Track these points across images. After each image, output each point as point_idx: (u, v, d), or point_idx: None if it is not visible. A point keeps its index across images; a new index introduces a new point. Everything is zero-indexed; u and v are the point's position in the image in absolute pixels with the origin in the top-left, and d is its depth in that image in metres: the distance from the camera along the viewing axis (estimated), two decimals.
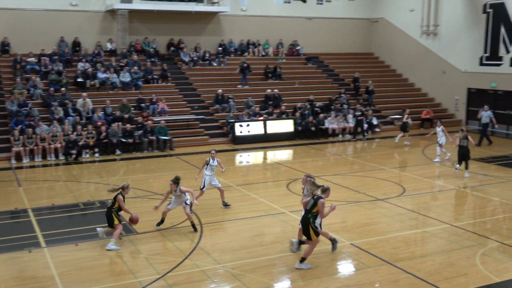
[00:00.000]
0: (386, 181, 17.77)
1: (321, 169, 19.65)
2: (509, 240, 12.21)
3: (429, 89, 33.00)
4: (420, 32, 32.78)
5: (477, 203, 15.66)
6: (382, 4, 35.68)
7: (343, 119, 27.36)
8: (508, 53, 27.83)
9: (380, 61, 36.24)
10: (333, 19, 35.05)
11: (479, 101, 29.76)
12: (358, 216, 14.08)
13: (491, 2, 28.49)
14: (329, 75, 33.15)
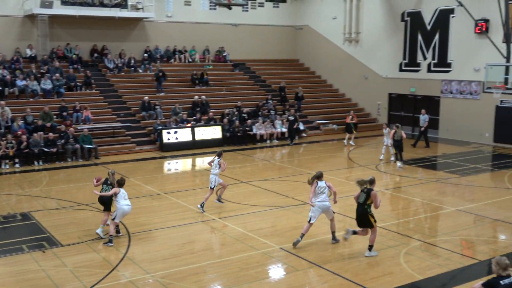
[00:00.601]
0: None
1: (250, 175, 19.76)
2: (431, 239, 12.75)
3: (352, 94, 33.98)
4: (342, 39, 33.72)
5: (400, 204, 16.24)
6: (306, 12, 36.43)
7: (270, 125, 27.66)
8: (425, 59, 29.12)
9: (306, 68, 36.96)
10: (259, 26, 35.43)
11: (400, 106, 30.97)
12: (287, 220, 14.26)
13: (408, 11, 29.74)
14: (256, 81, 33.46)
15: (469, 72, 26.89)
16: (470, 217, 14.56)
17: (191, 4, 32.98)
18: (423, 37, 29.18)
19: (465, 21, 26.30)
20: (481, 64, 25.36)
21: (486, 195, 16.91)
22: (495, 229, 13.72)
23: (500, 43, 24.07)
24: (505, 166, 21.17)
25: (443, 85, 28.25)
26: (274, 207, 15.40)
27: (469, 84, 27.03)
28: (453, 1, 25.75)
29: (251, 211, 15.05)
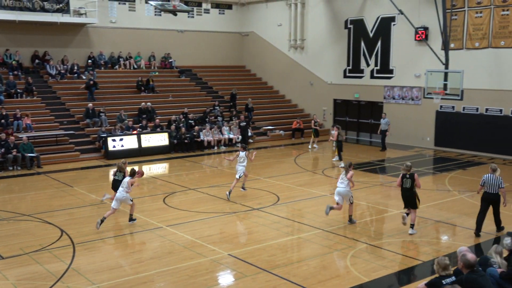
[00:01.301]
0: (262, 191, 18.18)
1: (198, 182, 19.66)
2: (376, 241, 13.02)
3: (298, 100, 34.38)
4: (288, 46, 34.12)
5: (346, 207, 16.49)
6: (251, 19, 36.65)
7: (218, 131, 27.63)
8: (368, 66, 29.82)
9: (252, 74, 37.15)
10: (205, 32, 35.39)
11: (345, 111, 31.56)
12: (235, 226, 14.26)
13: (351, 18, 30.39)
14: (203, 87, 33.37)
15: (410, 78, 27.71)
16: None
17: (136, 10, 32.60)
18: (366, 44, 29.87)
19: (406, 28, 27.10)
20: (421, 70, 26.17)
21: (428, 197, 17.41)
22: (438, 230, 14.14)
23: (439, 50, 24.91)
24: (445, 169, 21.88)
25: (386, 91, 28.99)
26: (222, 213, 15.38)
27: (410, 90, 27.85)
28: (394, 9, 26.48)
29: (199, 218, 14.96)
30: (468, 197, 17.30)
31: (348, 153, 25.49)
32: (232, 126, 28.26)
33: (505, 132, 24.06)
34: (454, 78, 22.80)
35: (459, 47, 25.49)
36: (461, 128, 25.57)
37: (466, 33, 25.29)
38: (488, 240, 12.76)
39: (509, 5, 23.68)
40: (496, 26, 24.17)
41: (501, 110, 24.32)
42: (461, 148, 25.50)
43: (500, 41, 24.11)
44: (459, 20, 25.43)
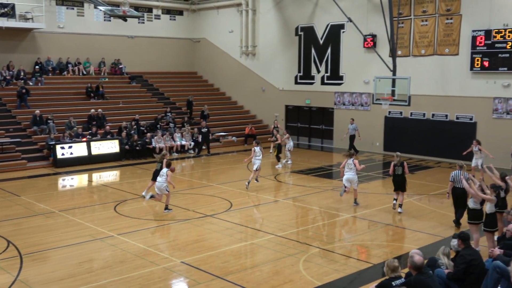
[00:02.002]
0: (214, 197, 18.13)
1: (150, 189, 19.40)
2: (328, 245, 13.18)
3: (250, 106, 34.52)
4: (240, 52, 34.23)
5: (299, 212, 16.67)
6: (203, 25, 36.60)
7: (170, 138, 27.41)
8: (319, 72, 30.24)
9: (204, 80, 37.08)
10: (156, 38, 35.11)
11: (296, 117, 31.88)
12: (188, 233, 14.16)
13: (302, 26, 30.78)
14: (154, 94, 33.07)
15: (359, 85, 28.26)
16: (364, 222, 15.24)
17: (85, 15, 32.04)
18: (316, 51, 30.30)
19: (355, 36, 27.64)
20: (370, 77, 26.73)
21: (378, 201, 17.77)
22: (387, 233, 14.44)
23: (387, 57, 25.50)
24: None
25: (336, 97, 29.46)
26: (174, 221, 15.25)
27: (360, 96, 28.39)
28: (343, 17, 26.95)
29: (152, 226, 14.79)
30: (416, 200, 17.75)
31: (300, 158, 25.78)
32: (184, 133, 28.09)
33: (450, 137, 24.83)
34: (401, 84, 23.36)
35: (406, 54, 26.19)
36: (409, 133, 26.23)
37: (412, 40, 26.01)
38: (438, 242, 13.11)
39: (453, 14, 24.50)
40: (441, 34, 24.96)
41: (447, 115, 25.10)
42: (409, 153, 26.13)
43: (444, 49, 24.90)
44: (405, 28, 26.13)
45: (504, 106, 23.23)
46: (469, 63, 23.93)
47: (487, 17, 23.28)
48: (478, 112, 24.04)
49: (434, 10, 25.13)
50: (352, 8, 27.42)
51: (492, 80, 23.42)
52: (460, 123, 24.67)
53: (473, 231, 12.22)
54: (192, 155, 27.33)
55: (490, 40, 23.14)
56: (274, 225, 14.96)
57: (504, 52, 22.79)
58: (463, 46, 24.23)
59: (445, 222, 15.11)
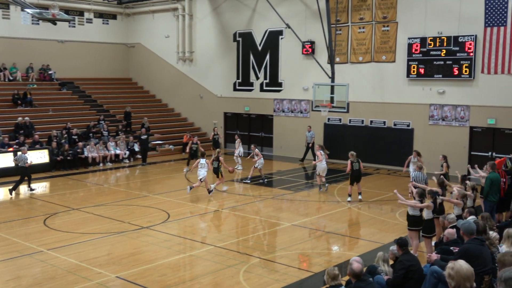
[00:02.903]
0: (151, 208, 17.88)
1: (82, 201, 18.94)
2: (269, 255, 13.24)
3: (188, 114, 34.32)
4: (176, 58, 34.02)
5: (239, 222, 16.67)
6: (138, 29, 36.15)
7: (103, 147, 26.84)
8: (258, 79, 30.45)
9: (139, 87, 36.59)
10: (88, 43, 34.39)
11: (235, 125, 31.94)
12: (124, 246, 13.88)
13: (240, 31, 30.93)
14: (86, 101, 32.33)
15: (298, 91, 28.65)
16: (305, 231, 15.41)
17: (11, 17, 30.98)
18: (255, 57, 30.51)
19: (294, 42, 28.03)
20: (309, 83, 27.17)
21: (319, 209, 18.04)
22: (328, 241, 14.67)
23: (326, 64, 25.99)
24: (334, 180, 22.78)
25: (275, 104, 29.74)
26: (109, 234, 14.92)
27: (299, 103, 28.78)
28: (282, 23, 27.29)
29: (84, 240, 14.40)
30: (356, 207, 18.12)
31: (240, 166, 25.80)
32: (118, 141, 27.58)
33: (388, 143, 25.55)
34: (340, 91, 23.87)
35: (344, 61, 26.79)
36: (348, 140, 26.76)
37: (350, 47, 26.65)
38: (377, 248, 13.40)
39: (389, 22, 25.29)
40: (378, 41, 25.70)
41: (385, 122, 25.82)
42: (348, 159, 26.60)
43: (382, 56, 25.65)
44: (343, 35, 26.75)
45: (439, 113, 24.14)
46: (405, 70, 24.75)
47: (422, 25, 24.18)
48: (415, 119, 24.88)
49: (371, 18, 25.86)
50: (291, 14, 27.82)
51: (428, 87, 24.31)
52: (397, 129, 25.43)
53: (413, 237, 12.58)
54: (127, 164, 26.85)
55: (425, 48, 24.03)
56: (214, 235, 14.90)
57: (438, 59, 23.71)
58: (400, 53, 25.05)
59: (384, 228, 15.50)
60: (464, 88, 23.40)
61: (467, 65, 22.95)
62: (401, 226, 15.14)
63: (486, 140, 23.25)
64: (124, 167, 26.42)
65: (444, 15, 23.70)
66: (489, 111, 22.84)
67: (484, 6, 22.37)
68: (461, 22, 23.09)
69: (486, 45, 22.53)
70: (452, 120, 23.83)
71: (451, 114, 23.83)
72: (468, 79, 23.10)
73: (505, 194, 14.66)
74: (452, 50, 23.29)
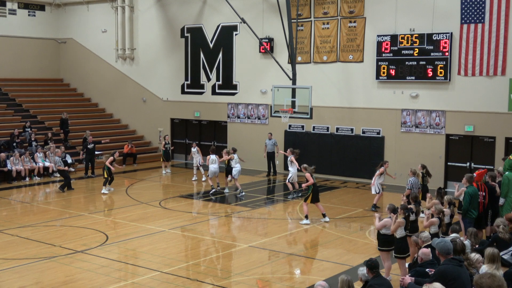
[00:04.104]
0: (86, 229, 17.67)
1: (5, 221, 18.57)
2: (223, 281, 13.27)
3: (129, 120, 34.07)
4: (115, 56, 33.76)
5: (189, 244, 16.65)
6: (70, 23, 35.71)
7: (29, 159, 26.38)
8: (209, 80, 30.50)
9: (72, 89, 36.15)
10: (10, 37, 33.78)
11: (184, 132, 31.89)
12: (54, 274, 13.69)
13: (188, 26, 30.95)
14: (9, 105, 31.75)
15: (256, 95, 28.83)
16: (264, 253, 15.50)
17: None
18: (205, 55, 30.56)
19: (250, 39, 28.23)
20: (267, 86, 27.39)
21: (279, 227, 18.17)
22: (290, 264, 14.79)
23: (286, 64, 26.24)
24: (296, 195, 22.94)
25: (230, 108, 29.85)
26: (37, 259, 14.68)
27: (256, 108, 28.97)
28: (236, 17, 27.45)
29: (8, 267, 14.12)
30: (320, 225, 18.33)
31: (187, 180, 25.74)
32: (48, 152, 27.14)
33: (357, 153, 25.93)
34: (302, 94, 24.11)
35: (307, 60, 27.14)
36: (312, 149, 27.04)
37: (313, 45, 27.01)
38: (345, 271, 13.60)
39: (356, 17, 25.77)
40: (344, 38, 26.13)
41: (352, 129, 26.24)
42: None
43: (348, 55, 26.10)
44: (305, 32, 27.10)
45: (412, 119, 24.69)
46: (374, 71, 25.21)
47: (393, 21, 24.72)
48: (386, 126, 25.36)
49: (336, 12, 26.29)
50: (246, 7, 28.02)
51: (400, 90, 24.85)
52: (366, 137, 25.86)
53: (384, 258, 12.84)
54: (58, 178, 26.41)
55: (396, 46, 24.58)
56: (159, 259, 14.83)
57: (411, 59, 24.27)
58: (368, 52, 25.52)
59: (353, 249, 15.75)
60: (439, 91, 24.03)
61: (442, 65, 23.58)
62: (372, 246, 15.42)
63: (464, 149, 23.90)
64: (54, 181, 25.99)
65: (416, 11, 24.27)
66: (467, 117, 23.50)
67: (460, 1, 23.06)
68: (436, 18, 23.71)
69: (462, 43, 23.22)
70: (426, 127, 24.42)
71: (425, 120, 24.41)
72: (443, 82, 23.73)
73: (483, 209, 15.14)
74: (426, 49, 23.91)
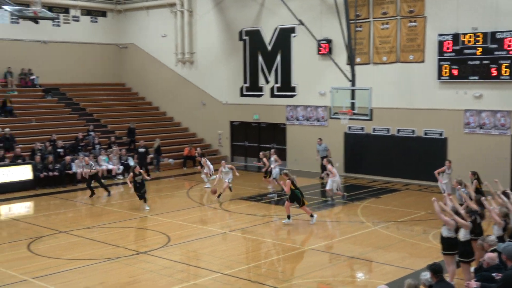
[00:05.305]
0: (149, 231, 17.95)
1: (70, 223, 19.05)
2: (284, 284, 13.23)
3: (189, 123, 34.45)
4: (175, 60, 34.21)
5: (249, 246, 16.69)
6: (131, 28, 36.41)
7: (94, 161, 26.96)
8: (268, 83, 30.54)
9: (134, 93, 36.81)
10: (74, 43, 34.69)
11: (244, 135, 32.01)
12: (118, 274, 13.94)
13: (246, 29, 31.07)
14: (74, 109, 32.57)
15: (314, 97, 28.69)
16: (324, 255, 15.40)
17: None
18: (264, 58, 30.61)
19: (308, 41, 28.10)
20: (326, 87, 27.16)
21: (339, 231, 18.02)
22: (351, 267, 14.64)
23: (345, 65, 25.99)
24: (357, 198, 22.75)
25: (288, 111, 29.81)
26: (101, 260, 14.98)
27: (315, 110, 28.83)
28: (294, 19, 27.36)
29: (74, 267, 14.46)
30: (383, 228, 18.08)
31: (248, 182, 25.83)
32: (111, 155, 27.71)
33: (419, 155, 25.45)
34: (362, 96, 23.85)
35: (366, 61, 26.83)
36: (372, 151, 26.75)
37: (372, 46, 26.69)
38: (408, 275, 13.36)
39: (416, 16, 25.32)
40: (404, 38, 25.72)
41: (414, 131, 25.78)
42: (373, 174, 26.65)
43: (408, 55, 25.68)
44: (364, 32, 26.80)
45: (476, 120, 24.10)
46: (436, 72, 24.72)
47: (455, 19, 24.20)
48: (448, 127, 24.82)
49: (395, 12, 25.91)
50: (303, 9, 27.91)
51: (463, 91, 24.30)
52: (428, 139, 25.38)
53: (448, 262, 12.53)
54: (121, 181, 26.94)
55: (458, 46, 24.04)
56: (220, 261, 14.92)
57: (474, 59, 23.69)
58: (429, 52, 25.05)
59: (415, 252, 15.47)
60: (504, 91, 23.36)
61: (507, 65, 22.91)
62: (435, 249, 15.11)
63: None
64: (117, 184, 26.51)
65: (479, 9, 23.69)
66: None
67: None
68: (499, 16, 23.08)
69: None
70: (491, 128, 23.79)
71: (489, 121, 23.79)
72: (508, 81, 23.04)
73: None
74: (489, 48, 23.29)
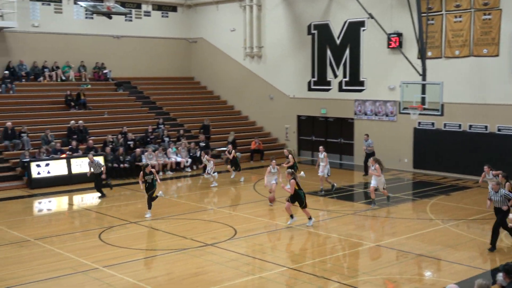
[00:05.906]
0: (215, 223, 18.09)
1: (140, 214, 19.39)
2: (350, 280, 13.09)
3: (257, 117, 34.57)
4: (243, 54, 34.36)
5: (315, 241, 16.60)
6: (200, 23, 36.79)
7: (163, 154, 27.41)
8: (336, 77, 30.28)
9: (202, 87, 37.20)
10: (146, 38, 35.29)
11: (311, 129, 31.88)
12: (185, 265, 14.11)
13: (315, 23, 30.88)
14: (144, 102, 33.18)
15: (383, 91, 28.26)
16: (391, 252, 15.15)
17: (63, 12, 32.27)
18: (332, 52, 30.36)
19: (377, 35, 27.71)
20: (396, 82, 26.70)
21: (408, 227, 17.68)
22: (419, 265, 14.35)
23: (415, 59, 25.52)
24: (426, 195, 22.29)
25: (357, 105, 29.48)
26: (169, 251, 15.20)
27: (384, 105, 28.39)
28: (363, 13, 27.05)
29: (143, 257, 14.75)
30: (453, 226, 17.65)
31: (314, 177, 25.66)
32: (180, 148, 28.10)
33: (491, 152, 24.71)
34: (432, 90, 23.35)
35: (438, 55, 26.22)
36: (443, 147, 26.15)
37: (444, 40, 26.05)
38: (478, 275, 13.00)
39: (491, 9, 24.55)
40: (478, 32, 24.99)
41: (486, 127, 25.05)
42: (443, 171, 26.07)
43: (482, 49, 24.94)
44: (436, 26, 26.19)
45: None
46: (511, 66, 23.96)
47: None
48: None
49: (469, 5, 25.18)
50: (373, 3, 27.52)
51: None
52: (502, 135, 24.61)
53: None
54: (189, 173, 27.28)
55: None
56: (286, 255, 14.90)
57: None
58: (504, 45, 24.26)
59: (486, 252, 15.01)
60: None
61: None
62: (508, 249, 14.65)
63: None
64: (186, 176, 26.87)
65: None
66: None
67: None
68: None
69: None
70: None
71: None
72: None
73: None
74: None
